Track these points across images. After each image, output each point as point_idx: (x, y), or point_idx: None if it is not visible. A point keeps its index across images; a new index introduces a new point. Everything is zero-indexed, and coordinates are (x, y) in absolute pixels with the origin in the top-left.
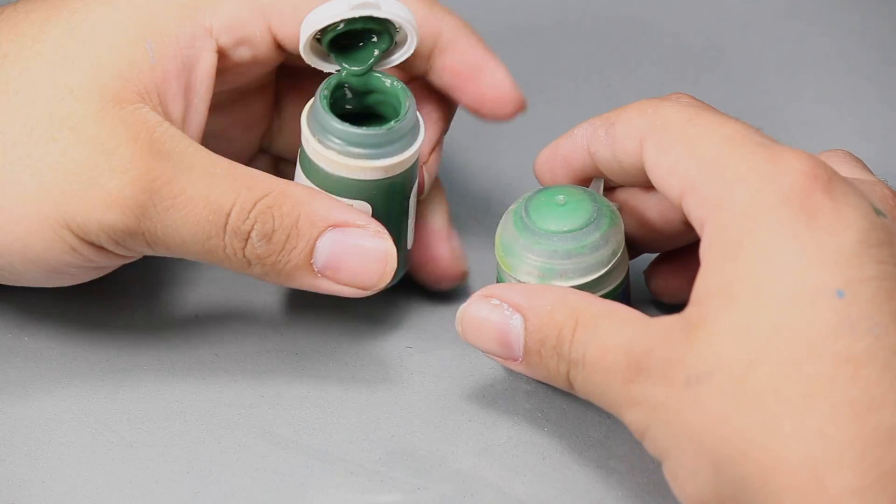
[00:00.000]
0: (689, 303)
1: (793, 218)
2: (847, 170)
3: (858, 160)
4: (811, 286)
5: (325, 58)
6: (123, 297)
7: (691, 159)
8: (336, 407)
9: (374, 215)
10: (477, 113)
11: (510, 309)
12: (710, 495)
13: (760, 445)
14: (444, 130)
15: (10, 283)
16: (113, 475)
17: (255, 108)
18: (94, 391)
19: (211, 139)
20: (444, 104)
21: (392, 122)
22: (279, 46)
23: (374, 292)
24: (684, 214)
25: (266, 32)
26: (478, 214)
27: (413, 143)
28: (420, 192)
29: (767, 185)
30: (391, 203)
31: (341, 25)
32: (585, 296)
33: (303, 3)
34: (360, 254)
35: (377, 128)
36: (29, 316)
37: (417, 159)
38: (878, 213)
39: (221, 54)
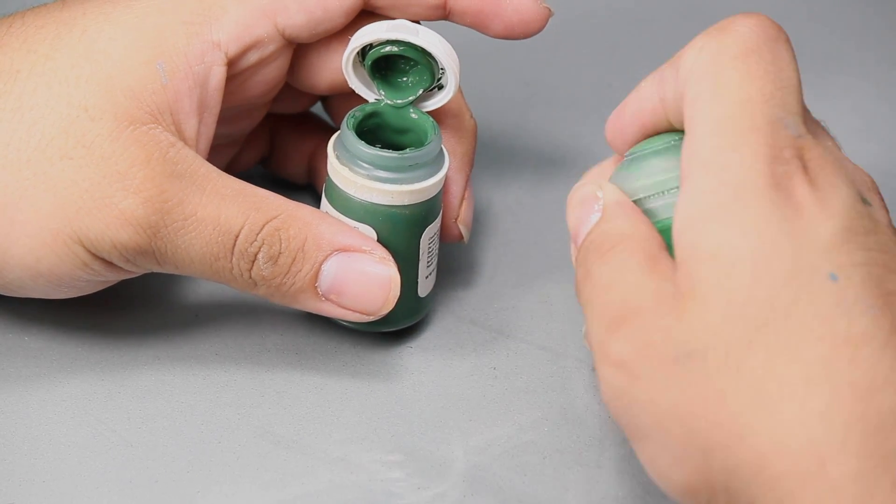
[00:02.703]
0: (678, 259)
1: (781, 203)
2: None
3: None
4: (806, 268)
5: (368, 85)
6: (123, 296)
7: (706, 109)
8: (336, 407)
9: (380, 243)
10: (507, 39)
11: (598, 205)
12: (698, 483)
13: (759, 430)
14: (468, 177)
15: (17, 295)
16: (113, 475)
17: (257, 116)
18: (93, 391)
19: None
20: (467, 151)
21: (407, 150)
22: (288, 43)
23: (378, 317)
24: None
25: (273, 31)
26: (478, 214)
27: (427, 178)
28: (458, 239)
29: (759, 166)
30: (397, 235)
31: (386, 48)
32: (636, 217)
33: None
34: (363, 279)
35: (390, 151)
36: (29, 316)
37: (435, 202)
38: (864, 201)
39: (231, 64)
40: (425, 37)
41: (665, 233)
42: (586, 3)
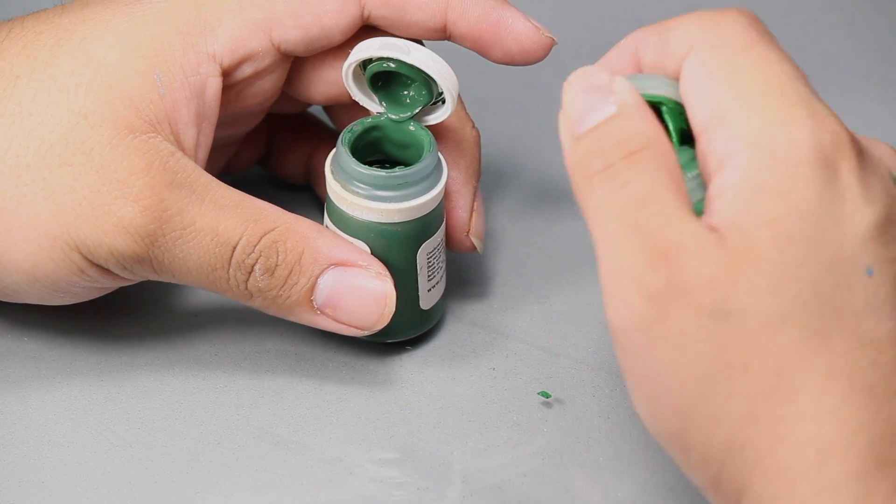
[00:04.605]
0: (728, 222)
1: (829, 183)
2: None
3: None
4: (847, 257)
5: (369, 96)
6: (123, 298)
7: (733, 93)
8: (336, 407)
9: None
10: (508, 65)
11: (609, 98)
12: (695, 444)
13: (772, 414)
14: (475, 189)
15: (14, 301)
16: (112, 475)
17: (254, 121)
18: (93, 391)
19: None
20: (471, 163)
21: (397, 168)
22: (284, 57)
23: (373, 332)
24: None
25: (268, 45)
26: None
27: (419, 195)
28: (472, 251)
29: (809, 140)
30: (391, 251)
31: (384, 63)
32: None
33: (303, 8)
34: (359, 294)
35: (379, 170)
36: (29, 317)
37: (431, 218)
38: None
39: (226, 75)
40: (417, 56)
41: None
42: (586, 4)
